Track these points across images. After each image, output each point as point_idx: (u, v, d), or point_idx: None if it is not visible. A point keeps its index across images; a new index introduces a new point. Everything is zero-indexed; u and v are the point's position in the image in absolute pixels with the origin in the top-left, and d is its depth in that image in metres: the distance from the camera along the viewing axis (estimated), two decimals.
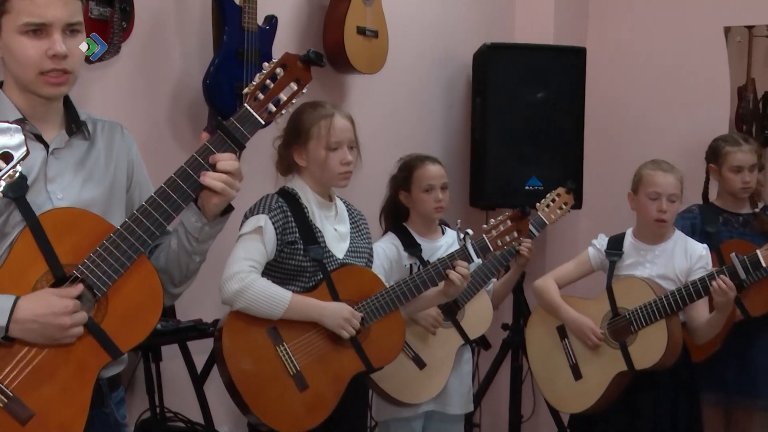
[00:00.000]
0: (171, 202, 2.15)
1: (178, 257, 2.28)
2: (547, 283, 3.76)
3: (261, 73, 2.26)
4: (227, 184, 2.17)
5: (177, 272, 2.30)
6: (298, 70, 2.29)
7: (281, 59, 2.29)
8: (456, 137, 5.24)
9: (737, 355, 4.08)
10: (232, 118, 2.22)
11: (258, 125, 2.24)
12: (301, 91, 2.31)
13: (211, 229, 2.26)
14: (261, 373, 2.96)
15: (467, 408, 4.00)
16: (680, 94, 5.53)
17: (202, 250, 2.29)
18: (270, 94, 2.26)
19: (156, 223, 2.15)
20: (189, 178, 2.17)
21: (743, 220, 4.16)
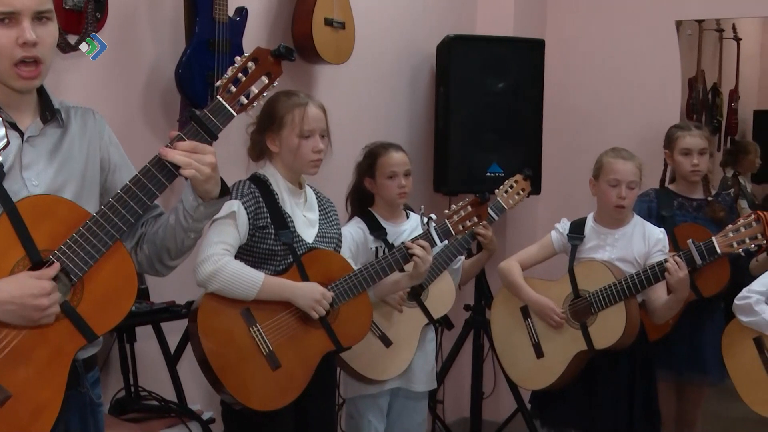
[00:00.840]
0: (146, 191, 2.15)
1: (174, 232, 2.28)
2: (511, 265, 3.77)
3: (233, 67, 2.26)
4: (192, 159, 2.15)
5: (173, 246, 2.30)
6: (269, 64, 2.30)
7: (253, 53, 2.29)
8: (420, 125, 5.24)
9: (689, 334, 4.13)
10: (205, 110, 2.22)
11: (230, 117, 2.25)
12: (272, 85, 2.31)
13: (206, 210, 2.26)
14: (235, 353, 2.95)
15: (431, 385, 4.01)
16: (634, 84, 5.55)
17: (197, 228, 2.30)
18: (242, 87, 2.26)
19: (131, 211, 2.14)
20: (163, 168, 2.16)
21: (697, 205, 4.20)
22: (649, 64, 5.54)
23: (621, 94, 5.58)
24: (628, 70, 5.58)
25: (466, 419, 5.28)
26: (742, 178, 6.38)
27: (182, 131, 2.19)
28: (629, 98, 5.55)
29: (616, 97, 5.59)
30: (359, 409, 3.88)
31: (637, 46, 5.56)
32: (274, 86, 2.32)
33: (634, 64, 5.56)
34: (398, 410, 3.94)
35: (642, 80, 5.54)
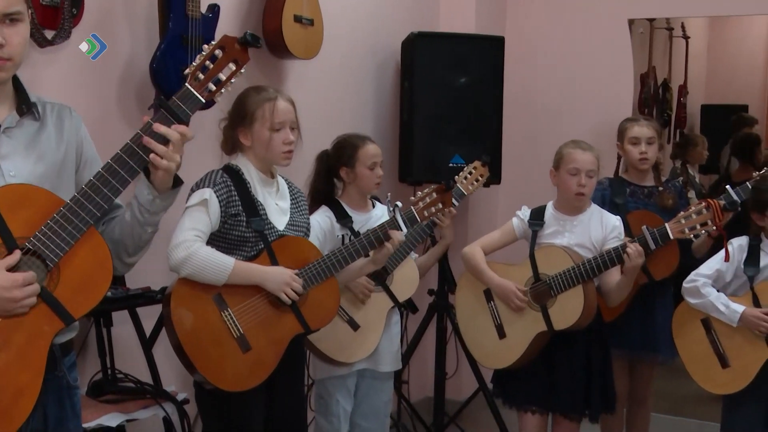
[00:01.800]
0: (118, 177, 2.12)
1: (131, 228, 2.25)
2: (474, 250, 3.77)
3: (201, 55, 2.23)
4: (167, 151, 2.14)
5: (130, 242, 2.27)
6: (235, 51, 2.28)
7: (220, 41, 2.27)
8: (386, 118, 5.23)
9: (641, 315, 4.15)
10: (174, 97, 2.20)
11: (198, 103, 2.22)
12: (239, 71, 2.29)
13: (162, 202, 2.23)
14: (207, 336, 2.93)
15: (396, 366, 4.01)
16: (589, 79, 5.57)
17: (154, 221, 2.27)
18: (210, 74, 2.23)
19: (105, 197, 2.11)
20: (135, 154, 2.14)
21: (647, 192, 4.22)
22: (604, 60, 5.56)
23: (577, 88, 5.60)
24: (583, 66, 5.60)
25: (430, 398, 5.29)
26: (690, 168, 6.44)
27: (152, 119, 2.16)
28: (584, 93, 5.57)
29: (572, 91, 5.61)
30: (328, 390, 3.88)
31: (592, 44, 5.58)
32: (241, 73, 2.30)
33: (589, 60, 5.58)
34: (365, 390, 3.95)
35: (597, 76, 5.56)
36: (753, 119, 7.38)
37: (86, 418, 3.03)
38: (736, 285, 3.62)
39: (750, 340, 3.52)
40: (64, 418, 2.27)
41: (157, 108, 2.22)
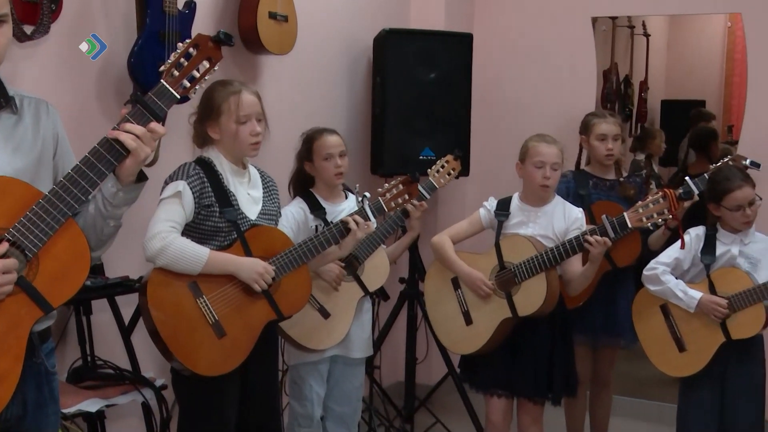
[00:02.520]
0: (96, 170, 2.11)
1: (94, 221, 2.24)
2: (442, 239, 3.78)
3: (176, 52, 2.23)
4: (136, 143, 2.13)
5: (93, 235, 2.25)
6: (209, 49, 2.28)
7: (194, 39, 2.27)
8: (358, 112, 5.22)
9: (605, 301, 4.17)
10: (150, 93, 2.19)
11: (174, 99, 2.22)
12: (213, 69, 2.29)
13: (125, 195, 2.22)
14: (183, 323, 2.93)
15: (368, 352, 4.02)
16: (554, 75, 5.60)
17: (117, 215, 2.26)
18: (184, 71, 2.24)
19: (82, 189, 2.10)
20: (112, 148, 2.13)
21: (609, 184, 4.24)
22: (568, 57, 5.59)
23: (542, 84, 5.62)
24: (548, 62, 5.62)
25: (401, 383, 5.30)
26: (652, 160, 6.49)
27: (128, 114, 2.15)
28: (550, 88, 5.60)
29: (538, 86, 5.63)
30: (301, 375, 3.88)
31: (557, 41, 5.60)
32: (215, 70, 2.30)
33: (554, 56, 5.61)
34: (337, 376, 3.95)
35: (561, 72, 5.58)
36: (710, 114, 7.43)
37: (66, 403, 3.02)
38: (694, 272, 3.66)
39: (706, 326, 3.56)
40: (42, 403, 2.26)
41: (134, 103, 2.21)
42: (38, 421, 2.25)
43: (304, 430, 3.92)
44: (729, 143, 6.71)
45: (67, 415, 3.00)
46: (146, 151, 2.16)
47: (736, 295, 3.50)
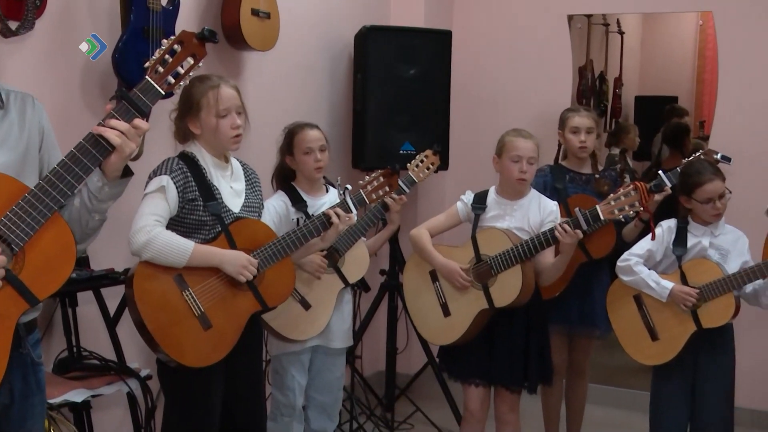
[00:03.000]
0: (81, 165, 2.11)
1: (79, 215, 2.23)
2: (420, 232, 3.78)
3: (160, 49, 2.23)
4: (121, 138, 2.13)
5: (78, 229, 2.25)
6: (193, 46, 2.28)
7: (178, 36, 2.26)
8: (339, 108, 5.22)
9: (580, 292, 4.18)
10: (135, 89, 2.19)
11: (158, 95, 2.22)
12: (197, 65, 2.29)
13: (110, 190, 2.22)
14: (169, 315, 2.91)
15: (348, 342, 4.03)
16: (531, 71, 5.61)
17: (102, 209, 2.25)
18: (169, 67, 2.23)
19: (68, 184, 2.09)
20: (97, 144, 2.12)
21: (586, 179, 4.25)
22: (545, 53, 5.60)
23: (520, 80, 5.64)
24: (526, 58, 5.63)
25: (382, 372, 5.31)
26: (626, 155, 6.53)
27: (113, 109, 2.15)
28: (527, 84, 5.61)
29: (516, 83, 5.65)
30: (284, 365, 3.88)
31: (533, 38, 5.62)
32: (199, 66, 2.30)
33: (531, 53, 5.62)
34: (319, 365, 3.96)
35: (538, 68, 5.60)
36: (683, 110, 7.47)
37: (53, 393, 3.01)
38: (666, 264, 3.68)
39: (678, 315, 3.58)
40: (29, 393, 2.26)
41: (119, 99, 2.20)
42: (24, 411, 2.25)
43: (286, 419, 3.92)
44: (701, 138, 6.75)
45: (53, 405, 2.98)
46: (131, 146, 2.16)
47: (706, 285, 3.52)
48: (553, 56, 5.57)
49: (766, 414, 5.08)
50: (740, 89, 5.11)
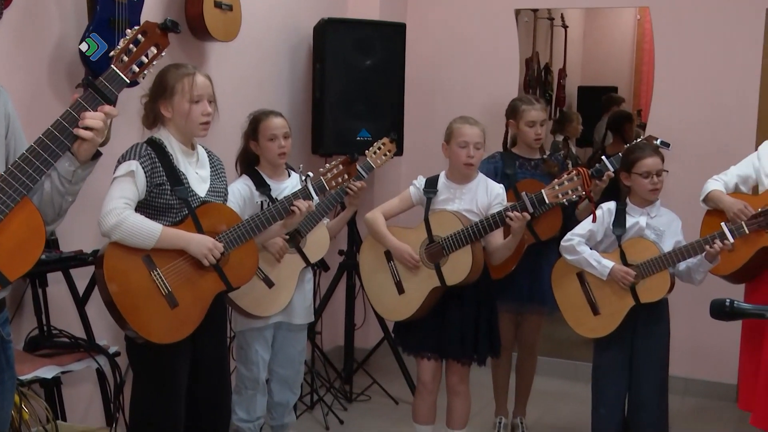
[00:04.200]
0: (50, 151, 2.08)
1: (51, 198, 2.20)
2: (375, 215, 3.77)
3: (125, 39, 2.21)
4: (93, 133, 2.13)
5: (50, 211, 2.22)
6: (157, 36, 2.27)
7: (142, 27, 2.24)
8: (299, 96, 5.18)
9: (529, 272, 4.20)
10: (101, 77, 2.17)
11: (123, 83, 2.21)
12: (161, 54, 2.27)
13: (82, 172, 2.19)
14: (137, 294, 2.88)
15: (309, 318, 4.02)
16: (481, 62, 5.62)
17: (74, 191, 2.23)
18: (133, 56, 2.22)
19: (37, 170, 2.07)
20: (65, 130, 2.10)
21: (534, 164, 4.27)
22: (493, 46, 5.61)
23: (470, 71, 5.65)
24: (475, 50, 5.64)
25: (341, 347, 5.32)
26: (569, 141, 6.58)
27: (80, 97, 2.12)
28: (477, 74, 5.62)
29: (466, 73, 5.65)
30: (248, 341, 3.87)
31: (483, 31, 5.63)
32: (162, 56, 2.28)
33: (480, 45, 5.63)
34: (281, 341, 3.96)
35: (487, 59, 5.61)
36: (621, 99, 7.55)
37: (24, 370, 2.97)
38: (607, 243, 3.72)
39: (617, 291, 3.63)
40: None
41: (86, 87, 2.18)
42: None
43: (250, 392, 3.92)
44: (638, 126, 6.83)
45: (24, 382, 2.94)
46: (103, 134, 2.14)
47: (644, 262, 3.57)
48: (502, 48, 5.59)
49: (697, 381, 5.18)
50: (674, 80, 5.17)
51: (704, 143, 4.98)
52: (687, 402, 5.11)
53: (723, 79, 5.03)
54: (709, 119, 5.05)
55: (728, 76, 5.02)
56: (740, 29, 4.99)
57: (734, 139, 4.87)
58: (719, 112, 5.03)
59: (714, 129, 5.02)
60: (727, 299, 2.06)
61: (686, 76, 5.12)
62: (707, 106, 5.06)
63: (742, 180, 3.91)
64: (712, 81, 5.05)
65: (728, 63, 5.02)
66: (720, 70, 5.03)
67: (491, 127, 3.81)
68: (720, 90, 5.04)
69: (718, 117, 5.03)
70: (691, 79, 5.11)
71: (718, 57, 5.04)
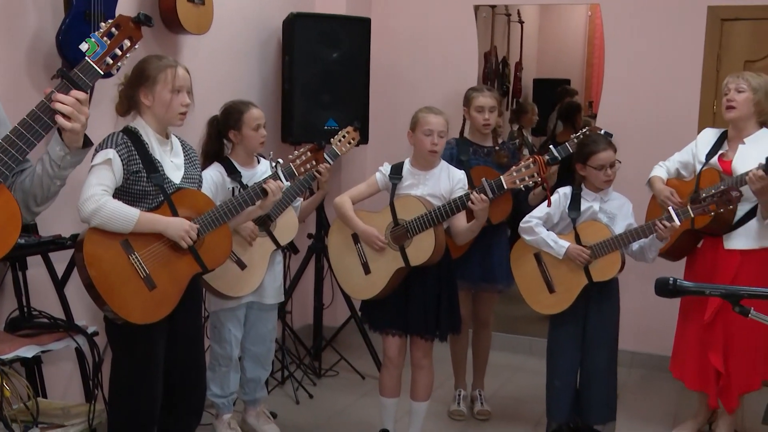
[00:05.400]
0: (25, 140, 2.06)
1: (41, 181, 2.18)
2: (343, 200, 3.75)
3: (99, 31, 2.17)
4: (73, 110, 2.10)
5: (40, 192, 2.20)
6: (130, 29, 2.25)
7: (116, 20, 2.22)
8: (269, 87, 5.14)
9: (482, 252, 4.23)
10: (75, 69, 2.14)
11: (97, 75, 2.19)
12: (134, 47, 2.24)
13: (71, 159, 2.17)
14: (117, 277, 2.85)
15: (279, 298, 4.02)
16: (442, 56, 5.62)
17: (63, 175, 2.21)
18: (107, 49, 2.17)
19: (12, 158, 2.05)
20: (39, 120, 2.08)
21: (487, 151, 4.29)
22: (454, 40, 5.61)
23: (431, 63, 5.64)
24: (437, 44, 5.64)
25: (310, 325, 5.32)
26: (525, 131, 6.61)
27: (56, 88, 2.10)
28: (438, 67, 5.62)
29: (428, 66, 5.65)
30: (221, 320, 3.86)
31: (444, 25, 5.62)
32: (135, 48, 2.25)
33: (441, 39, 5.63)
34: (253, 320, 3.95)
35: (448, 53, 5.61)
36: (574, 91, 7.60)
37: (5, 350, 2.93)
38: (562, 225, 3.74)
39: (572, 270, 3.66)
40: None
41: (61, 78, 2.15)
42: None
43: (224, 369, 3.90)
44: (589, 116, 6.89)
45: (5, 361, 2.90)
46: (81, 120, 2.12)
47: (597, 244, 3.60)
48: (461, 42, 5.59)
49: (643, 354, 5.25)
50: (623, 73, 5.21)
51: (650, 132, 5.04)
52: (634, 373, 5.19)
53: (668, 72, 5.08)
54: (655, 109, 5.11)
55: (672, 69, 5.07)
56: (684, 25, 5.04)
57: (678, 128, 4.92)
58: (664, 102, 5.09)
59: (659, 119, 5.08)
60: (671, 278, 2.12)
61: (634, 69, 5.17)
62: (653, 98, 5.12)
63: (682, 165, 4.05)
64: (658, 74, 5.10)
65: (672, 57, 5.07)
66: (665, 64, 5.09)
67: (451, 117, 3.81)
68: (665, 82, 5.09)
69: (663, 107, 5.09)
70: (638, 72, 5.16)
71: (663, 51, 5.09)
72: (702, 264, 3.96)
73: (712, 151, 3.91)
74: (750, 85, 3.77)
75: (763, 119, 3.84)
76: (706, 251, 3.96)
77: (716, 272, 3.84)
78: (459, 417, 4.46)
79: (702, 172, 3.88)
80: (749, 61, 4.94)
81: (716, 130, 4.02)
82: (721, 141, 3.93)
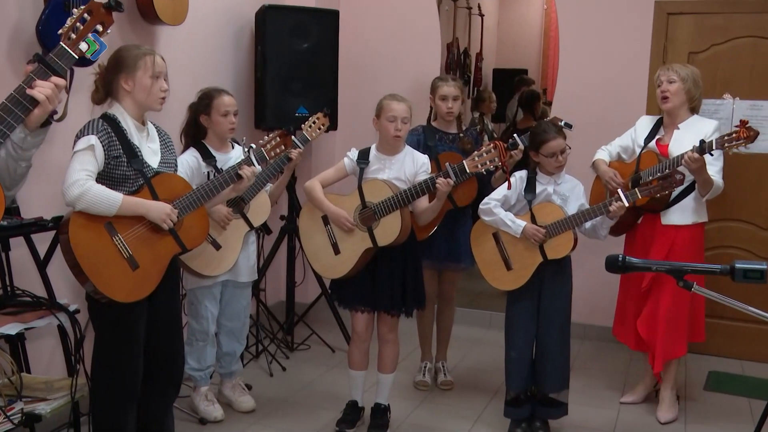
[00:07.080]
0: (4, 123, 2.04)
1: (6, 164, 2.17)
2: (313, 184, 3.75)
3: (72, 17, 2.15)
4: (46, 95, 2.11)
5: (7, 176, 2.19)
6: (102, 14, 2.24)
7: (87, 5, 2.21)
8: (243, 76, 5.11)
9: (447, 234, 4.25)
10: (51, 54, 2.12)
11: (72, 59, 2.18)
12: (106, 32, 2.22)
13: (33, 139, 2.17)
14: (101, 258, 2.83)
15: (253, 277, 4.01)
16: (407, 46, 5.62)
17: (27, 156, 2.20)
18: (80, 34, 2.19)
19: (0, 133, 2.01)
20: (19, 104, 2.06)
21: (452, 138, 4.30)
22: (418, 32, 5.61)
23: (396, 53, 5.64)
24: (402, 35, 5.63)
25: (283, 302, 5.32)
26: (485, 118, 6.65)
27: (32, 71, 2.08)
28: (403, 57, 5.62)
29: (393, 56, 5.65)
30: (198, 298, 3.85)
31: (408, 18, 5.62)
32: (108, 33, 2.23)
33: (406, 31, 5.62)
34: (228, 297, 3.94)
35: (412, 44, 5.61)
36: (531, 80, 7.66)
37: None
38: (519, 207, 3.77)
39: (528, 249, 3.69)
40: None
41: (37, 62, 2.13)
42: None
43: (201, 343, 3.89)
44: (545, 104, 6.94)
45: None
46: (54, 103, 2.11)
47: (551, 224, 3.64)
48: (425, 34, 5.59)
49: (594, 327, 5.34)
50: (576, 64, 5.25)
51: (600, 118, 5.09)
52: (586, 345, 5.27)
53: (617, 63, 5.13)
54: (605, 98, 5.16)
55: (622, 60, 5.12)
56: (633, 19, 5.09)
57: (627, 115, 4.95)
58: (614, 91, 5.15)
59: (609, 106, 5.14)
60: (620, 255, 2.18)
61: (586, 60, 5.21)
62: (603, 86, 5.17)
63: (623, 149, 4.20)
64: (608, 64, 5.16)
65: (622, 49, 5.12)
66: (615, 55, 5.14)
67: (415, 105, 3.82)
68: (615, 72, 5.14)
69: (612, 96, 5.15)
70: (590, 63, 5.20)
71: (614, 43, 5.14)
72: (641, 238, 4.10)
73: (649, 135, 4.07)
74: (679, 75, 3.95)
75: (693, 105, 4.02)
76: (645, 226, 4.10)
77: (653, 245, 4.00)
78: (423, 387, 4.50)
79: (641, 155, 4.02)
80: (693, 53, 5.02)
81: (652, 117, 4.18)
82: (657, 127, 4.10)
